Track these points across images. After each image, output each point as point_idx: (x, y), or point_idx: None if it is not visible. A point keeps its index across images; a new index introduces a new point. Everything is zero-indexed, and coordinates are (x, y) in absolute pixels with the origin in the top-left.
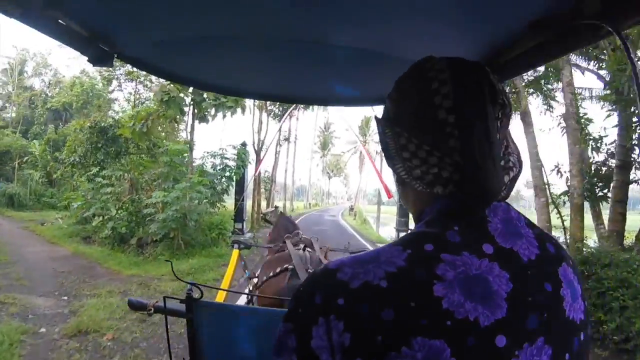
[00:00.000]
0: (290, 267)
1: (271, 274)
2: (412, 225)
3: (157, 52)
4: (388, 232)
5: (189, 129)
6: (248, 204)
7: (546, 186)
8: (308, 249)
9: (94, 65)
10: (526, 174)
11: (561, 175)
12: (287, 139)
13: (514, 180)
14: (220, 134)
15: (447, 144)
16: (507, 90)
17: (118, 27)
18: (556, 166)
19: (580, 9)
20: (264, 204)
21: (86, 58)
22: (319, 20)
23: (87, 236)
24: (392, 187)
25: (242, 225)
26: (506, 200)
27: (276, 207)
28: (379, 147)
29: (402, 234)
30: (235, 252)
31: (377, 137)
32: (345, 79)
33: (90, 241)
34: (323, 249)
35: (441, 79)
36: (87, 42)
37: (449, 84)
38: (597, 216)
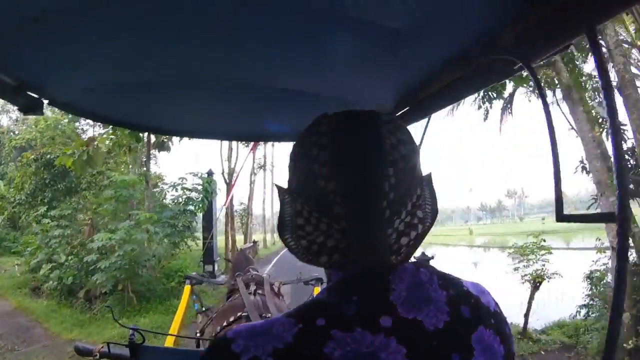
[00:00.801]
0: (244, 314)
1: (225, 323)
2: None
3: (90, 97)
4: None
5: (144, 158)
6: (220, 240)
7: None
8: (259, 291)
9: (24, 114)
10: (507, 183)
11: (588, 173)
12: (262, 167)
13: (419, 237)
14: (193, 165)
15: (333, 211)
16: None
17: (47, 75)
18: (581, 162)
19: (494, 45)
20: (240, 238)
21: (16, 107)
22: (248, 64)
23: (36, 287)
24: None
25: (214, 267)
26: (417, 261)
27: (255, 242)
28: None
29: None
30: (186, 289)
31: None
32: (277, 116)
33: (39, 293)
34: (276, 285)
35: (322, 144)
36: (15, 91)
37: (328, 149)
38: None
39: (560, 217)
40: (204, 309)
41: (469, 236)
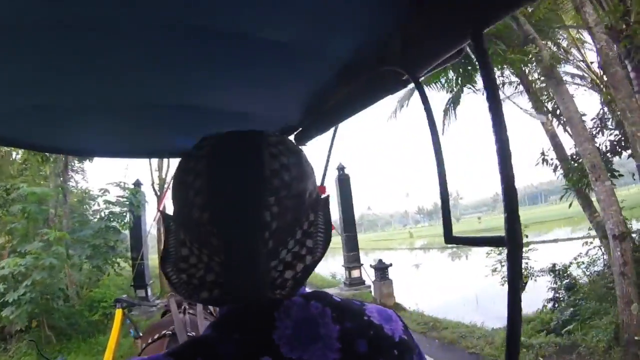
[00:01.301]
0: (169, 332)
1: (150, 340)
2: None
3: None
4: (324, 268)
5: (61, 168)
6: (153, 259)
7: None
8: (190, 310)
9: None
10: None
11: (555, 167)
12: None
13: (307, 269)
14: (124, 177)
15: (211, 243)
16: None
17: None
18: (542, 154)
19: (382, 57)
20: None
21: None
22: (156, 83)
23: None
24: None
25: (146, 292)
26: (310, 293)
27: None
28: None
29: (353, 272)
30: (118, 313)
31: None
32: (189, 133)
33: None
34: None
35: (198, 171)
36: None
37: (204, 176)
38: (588, 204)
39: (449, 238)
40: (140, 334)
41: (409, 239)
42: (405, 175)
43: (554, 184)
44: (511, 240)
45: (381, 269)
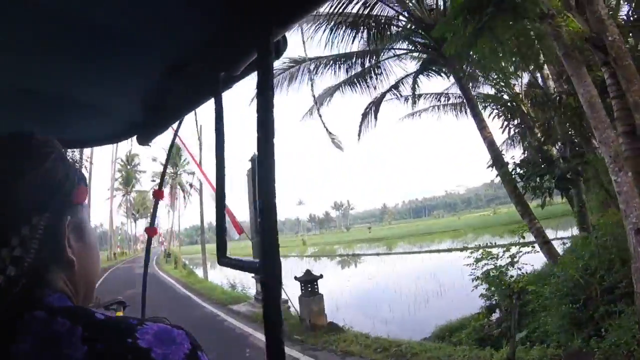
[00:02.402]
0: None
1: None
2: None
3: None
4: (218, 277)
5: None
6: None
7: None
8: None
9: None
10: (334, 195)
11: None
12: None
13: (15, 282)
14: None
15: None
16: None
17: None
18: (494, 159)
19: (204, 59)
20: None
21: None
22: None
23: None
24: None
25: None
26: (72, 306)
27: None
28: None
29: None
30: None
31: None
32: (45, 122)
33: None
34: None
35: None
36: None
37: None
38: (526, 211)
39: (222, 260)
40: None
41: (302, 246)
42: (298, 183)
43: (437, 200)
44: (267, 270)
45: (309, 282)
